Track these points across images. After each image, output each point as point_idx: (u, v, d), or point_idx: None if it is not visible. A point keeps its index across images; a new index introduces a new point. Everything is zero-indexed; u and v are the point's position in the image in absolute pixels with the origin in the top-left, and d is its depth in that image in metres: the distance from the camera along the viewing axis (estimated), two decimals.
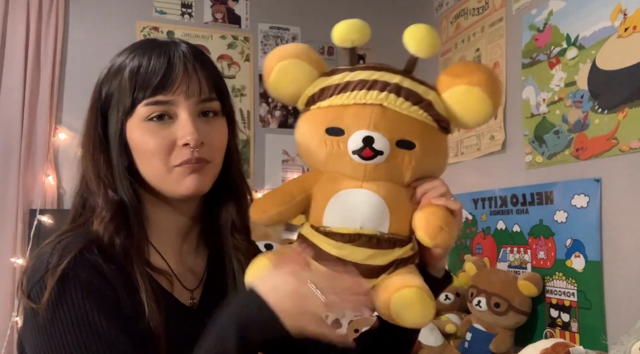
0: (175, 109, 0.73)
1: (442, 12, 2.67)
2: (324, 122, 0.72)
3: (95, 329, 0.65)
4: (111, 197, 0.74)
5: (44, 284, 0.66)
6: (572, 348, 1.31)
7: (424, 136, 0.71)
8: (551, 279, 1.82)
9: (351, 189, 0.71)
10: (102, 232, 0.72)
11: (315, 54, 0.75)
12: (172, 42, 0.77)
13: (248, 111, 2.70)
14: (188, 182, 0.74)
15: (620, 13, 1.63)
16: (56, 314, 0.65)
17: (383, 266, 0.70)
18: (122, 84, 0.73)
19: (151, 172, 0.74)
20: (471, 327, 1.90)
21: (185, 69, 0.73)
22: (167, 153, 0.72)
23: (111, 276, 0.69)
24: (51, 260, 0.67)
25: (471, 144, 2.35)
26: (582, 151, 1.75)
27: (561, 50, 1.85)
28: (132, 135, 0.74)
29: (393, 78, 0.71)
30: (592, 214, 1.68)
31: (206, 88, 0.75)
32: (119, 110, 0.73)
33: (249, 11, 2.77)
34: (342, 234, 0.70)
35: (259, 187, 2.67)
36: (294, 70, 0.73)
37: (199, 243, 0.85)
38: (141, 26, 2.57)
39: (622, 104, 1.61)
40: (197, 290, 0.81)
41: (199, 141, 0.72)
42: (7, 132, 2.29)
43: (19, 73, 2.31)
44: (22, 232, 2.26)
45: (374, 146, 0.68)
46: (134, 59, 0.74)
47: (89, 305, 0.66)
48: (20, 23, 2.34)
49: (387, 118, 0.69)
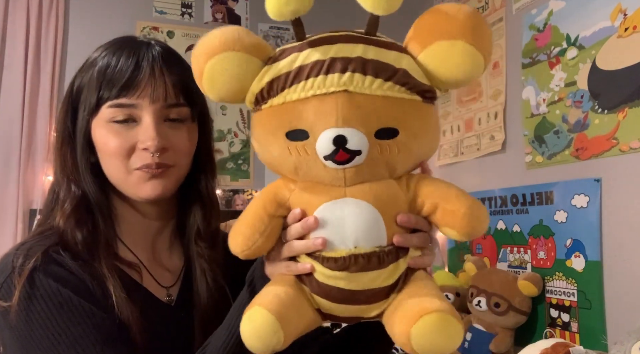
0: (139, 113, 0.72)
1: None
2: (281, 125, 0.58)
3: (76, 311, 0.66)
4: (73, 192, 0.74)
5: (12, 284, 0.66)
6: (572, 348, 1.31)
7: (406, 117, 0.58)
8: (551, 279, 1.82)
9: (333, 201, 0.58)
10: (63, 226, 0.72)
11: (250, 37, 0.59)
12: (145, 43, 0.76)
13: (248, 111, 2.70)
14: (148, 187, 0.73)
15: (620, 13, 1.63)
16: (31, 308, 0.65)
17: (391, 285, 0.59)
18: (91, 80, 0.73)
19: (112, 172, 0.74)
20: (471, 327, 1.90)
21: (152, 72, 0.72)
22: (127, 156, 0.72)
23: (78, 270, 0.69)
24: (16, 261, 0.67)
25: (471, 144, 2.35)
26: (582, 151, 1.75)
27: (561, 50, 1.85)
28: (95, 134, 0.74)
29: (354, 50, 0.56)
30: (592, 214, 1.68)
31: (173, 93, 0.73)
32: (86, 108, 0.73)
33: (249, 11, 2.77)
34: (335, 259, 0.57)
35: (259, 187, 2.67)
36: (230, 66, 0.57)
37: (173, 242, 0.85)
38: (141, 26, 2.57)
39: (622, 104, 1.61)
40: (173, 287, 0.81)
41: (160, 147, 0.71)
42: (7, 132, 2.29)
43: (19, 73, 2.32)
44: (22, 232, 2.26)
45: (347, 147, 0.55)
46: (105, 57, 0.74)
47: (65, 293, 0.66)
48: (20, 23, 2.34)
49: (357, 106, 0.55)
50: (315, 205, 0.58)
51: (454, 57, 0.56)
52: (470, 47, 0.56)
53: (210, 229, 0.82)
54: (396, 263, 0.59)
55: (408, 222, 0.59)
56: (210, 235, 0.82)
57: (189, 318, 0.78)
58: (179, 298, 0.80)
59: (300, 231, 0.59)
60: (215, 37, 0.58)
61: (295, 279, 0.61)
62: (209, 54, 0.58)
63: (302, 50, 0.57)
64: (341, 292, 0.58)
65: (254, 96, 0.60)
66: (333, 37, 0.58)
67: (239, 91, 0.60)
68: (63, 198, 0.74)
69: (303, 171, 0.59)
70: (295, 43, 0.59)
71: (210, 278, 0.79)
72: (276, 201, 0.61)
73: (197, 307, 0.78)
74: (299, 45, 0.58)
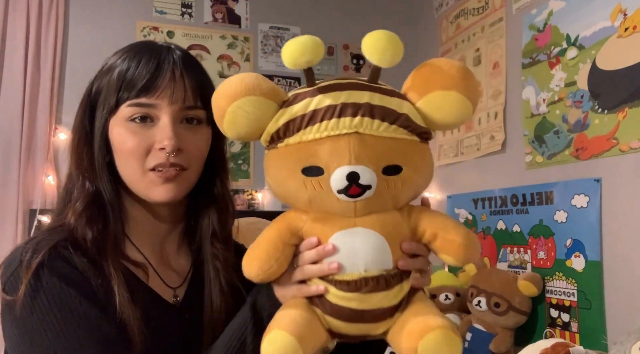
0: (158, 113, 0.73)
1: (442, 12, 2.67)
2: (298, 162, 0.65)
3: (76, 312, 0.66)
4: (87, 189, 0.75)
5: (18, 277, 0.66)
6: (572, 348, 1.31)
7: (408, 155, 0.67)
8: (551, 279, 1.82)
9: (345, 230, 0.65)
10: (74, 223, 0.73)
11: (266, 82, 0.66)
12: (166, 47, 0.78)
13: None
14: (161, 190, 0.74)
15: (620, 13, 1.63)
16: (34, 303, 0.66)
17: (396, 305, 0.67)
18: (110, 82, 0.74)
19: (127, 172, 0.75)
20: (471, 327, 1.90)
21: (172, 75, 0.74)
22: (144, 155, 0.73)
23: (84, 268, 0.70)
24: (24, 255, 0.68)
25: (471, 144, 2.35)
26: (582, 151, 1.75)
27: (561, 50, 1.85)
28: (113, 132, 0.75)
29: (362, 97, 0.64)
30: (592, 214, 1.68)
31: (191, 96, 0.75)
32: (104, 107, 0.75)
33: (249, 11, 2.77)
34: (347, 282, 0.65)
35: (259, 187, 2.67)
36: (251, 110, 0.64)
37: (182, 244, 0.86)
38: (141, 26, 2.57)
39: (622, 104, 1.61)
40: (180, 288, 0.82)
41: (176, 147, 0.73)
42: (7, 132, 2.29)
43: (19, 73, 2.31)
44: (22, 232, 2.26)
45: (360, 182, 0.62)
46: (125, 60, 0.75)
47: (67, 291, 0.67)
48: (20, 23, 2.34)
49: (367, 146, 0.63)
50: (328, 234, 0.66)
51: (448, 105, 0.66)
52: (462, 97, 0.65)
53: (226, 232, 0.84)
54: (400, 285, 0.67)
55: (411, 249, 0.67)
56: (225, 237, 0.84)
57: (195, 319, 0.79)
58: (185, 299, 0.81)
59: (315, 256, 0.65)
60: (237, 82, 0.65)
61: (307, 302, 0.67)
62: (231, 97, 0.64)
63: (314, 96, 0.65)
64: (353, 312, 0.65)
65: (269, 135, 0.67)
66: (342, 85, 0.66)
67: (256, 131, 0.67)
68: (76, 195, 0.75)
69: (317, 203, 0.66)
70: (307, 88, 0.67)
71: (224, 279, 0.81)
72: (290, 231, 0.68)
73: (207, 308, 0.79)
74: (310, 91, 0.66)
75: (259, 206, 2.65)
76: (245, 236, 2.38)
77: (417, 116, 0.67)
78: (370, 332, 0.68)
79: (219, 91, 0.66)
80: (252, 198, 2.65)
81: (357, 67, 2.86)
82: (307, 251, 0.66)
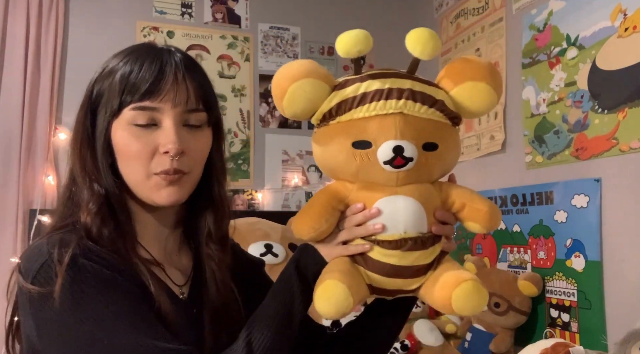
0: (161, 116, 0.74)
1: (442, 12, 2.67)
2: (348, 137, 0.75)
3: (120, 288, 0.68)
4: (97, 191, 0.75)
5: (50, 270, 0.67)
6: (572, 348, 1.31)
7: (443, 136, 0.76)
8: (551, 279, 1.82)
9: (388, 196, 0.75)
10: (90, 224, 0.73)
11: (322, 68, 0.76)
12: (166, 50, 0.78)
13: (248, 111, 2.70)
14: (164, 194, 0.76)
15: (620, 13, 1.63)
16: (76, 288, 0.66)
17: (429, 264, 0.76)
18: (113, 85, 0.75)
19: (130, 175, 0.76)
20: (471, 327, 1.90)
21: (175, 78, 0.75)
22: (148, 159, 0.74)
23: (113, 260, 0.71)
24: (52, 249, 0.68)
25: (471, 144, 2.35)
26: (582, 151, 1.75)
27: (561, 50, 1.85)
28: (116, 136, 0.75)
29: (404, 83, 0.74)
30: (592, 214, 1.68)
31: (194, 99, 0.76)
32: (107, 110, 0.75)
33: (249, 11, 2.77)
34: (389, 241, 0.74)
35: (259, 187, 2.67)
36: (310, 90, 0.74)
37: (182, 243, 0.88)
38: (141, 26, 2.57)
39: (622, 104, 1.61)
40: (185, 286, 0.84)
41: (180, 150, 0.74)
42: (7, 132, 2.29)
43: (19, 73, 2.31)
44: (22, 232, 2.26)
45: (404, 154, 0.72)
46: (127, 63, 0.75)
47: (107, 274, 0.68)
48: (20, 23, 2.34)
49: (410, 125, 0.73)
50: (374, 200, 0.75)
51: (478, 94, 0.77)
52: (490, 88, 0.76)
53: (221, 233, 0.85)
54: (433, 247, 0.76)
55: (443, 216, 0.77)
56: (221, 238, 0.85)
57: (200, 315, 0.81)
58: (189, 296, 0.83)
59: (361, 219, 0.75)
60: (297, 66, 0.75)
61: (350, 261, 0.76)
62: (292, 78, 0.74)
63: (363, 81, 0.75)
64: (393, 267, 0.75)
65: (322, 114, 0.77)
66: (386, 73, 0.76)
67: (311, 110, 0.77)
68: (87, 198, 0.75)
69: (363, 173, 0.76)
70: (355, 76, 0.77)
71: (219, 280, 0.83)
72: (337, 198, 0.77)
73: (207, 305, 0.82)
74: (359, 77, 0.76)
75: (259, 206, 2.65)
76: (245, 236, 2.40)
77: (450, 102, 0.77)
78: (406, 287, 0.77)
79: (280, 73, 0.75)
80: (252, 198, 2.65)
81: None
82: (354, 214, 0.75)
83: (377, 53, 2.91)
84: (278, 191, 2.70)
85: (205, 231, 0.84)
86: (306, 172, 2.75)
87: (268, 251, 2.11)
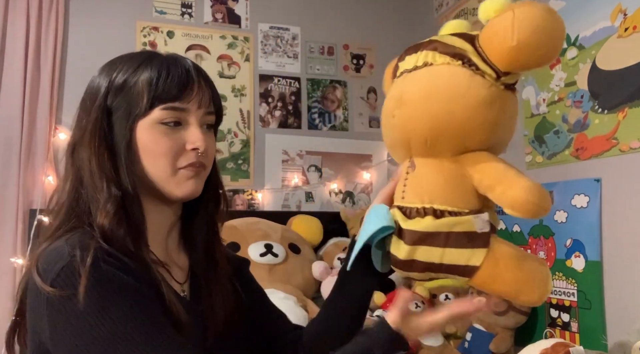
0: (187, 117, 0.80)
1: (442, 12, 2.67)
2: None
3: (138, 293, 0.70)
4: (114, 193, 0.77)
5: (72, 273, 0.67)
6: (572, 348, 1.31)
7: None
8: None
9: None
10: (107, 225, 0.74)
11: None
12: (181, 57, 0.83)
13: (248, 111, 2.70)
14: (188, 185, 0.80)
15: (620, 13, 1.63)
16: (101, 292, 0.67)
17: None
18: (136, 90, 0.77)
19: (156, 172, 0.79)
20: (471, 327, 1.90)
21: (199, 82, 0.81)
22: (176, 156, 0.79)
23: (129, 263, 0.73)
24: (73, 251, 0.69)
25: None
26: (582, 151, 1.75)
27: (561, 51, 1.85)
28: (141, 135, 0.78)
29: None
30: (592, 214, 1.68)
31: (210, 102, 0.83)
32: (131, 111, 0.78)
33: (249, 11, 2.77)
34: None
35: (259, 187, 2.67)
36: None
37: (180, 240, 0.90)
38: (141, 26, 2.57)
39: (622, 104, 1.61)
40: (185, 284, 0.86)
41: (206, 147, 0.80)
42: (7, 132, 2.28)
43: (19, 73, 2.31)
44: (22, 232, 2.26)
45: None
46: (147, 69, 0.78)
47: (126, 278, 0.70)
48: (20, 23, 2.34)
49: None
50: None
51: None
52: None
53: (216, 228, 0.90)
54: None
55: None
56: (216, 233, 0.90)
57: (202, 312, 0.83)
58: (191, 294, 0.86)
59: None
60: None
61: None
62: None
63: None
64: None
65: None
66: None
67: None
68: (105, 199, 0.76)
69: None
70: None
71: (222, 273, 0.88)
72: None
73: (206, 302, 0.84)
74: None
75: (259, 206, 2.65)
76: (245, 236, 2.39)
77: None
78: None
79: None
80: (252, 198, 2.65)
81: (357, 67, 2.86)
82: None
83: (377, 53, 2.92)
84: (278, 191, 2.69)
85: (209, 225, 0.88)
86: (306, 172, 2.75)
87: (268, 251, 2.10)
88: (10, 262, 2.19)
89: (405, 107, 0.75)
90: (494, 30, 0.70)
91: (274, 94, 2.75)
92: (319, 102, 2.81)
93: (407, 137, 0.76)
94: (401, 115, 0.76)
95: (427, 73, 0.74)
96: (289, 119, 2.76)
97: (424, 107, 0.73)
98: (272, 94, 2.75)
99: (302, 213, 2.49)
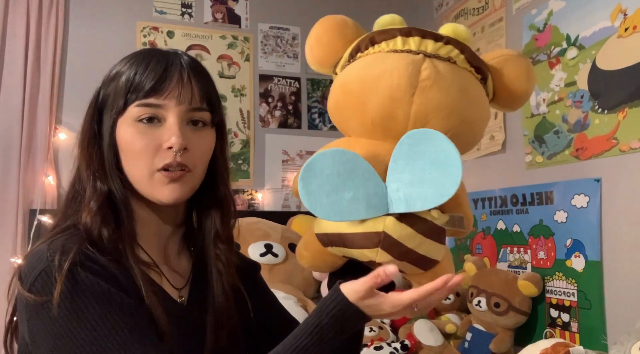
0: (165, 113, 0.75)
1: (442, 12, 2.67)
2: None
3: (114, 302, 0.68)
4: (99, 189, 0.76)
5: (49, 278, 0.67)
6: (572, 348, 1.31)
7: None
8: (551, 279, 1.82)
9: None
10: (90, 223, 0.73)
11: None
12: (173, 53, 0.80)
13: (248, 111, 2.70)
14: (167, 191, 0.76)
15: (620, 13, 1.63)
16: (74, 299, 0.66)
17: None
18: (118, 86, 0.76)
19: (134, 172, 0.77)
20: (471, 327, 1.90)
21: (180, 77, 0.76)
22: (152, 155, 0.75)
23: (109, 266, 0.71)
24: (52, 256, 0.68)
25: None
26: (582, 151, 1.75)
27: (561, 50, 1.85)
28: (120, 133, 0.76)
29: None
30: (592, 214, 1.68)
31: (198, 98, 0.77)
32: (113, 109, 0.76)
33: (249, 11, 2.77)
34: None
35: (259, 187, 2.67)
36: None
37: (182, 246, 0.88)
38: (141, 26, 2.57)
39: (622, 104, 1.61)
40: (184, 290, 0.84)
41: (183, 146, 0.74)
42: (7, 132, 2.28)
43: (19, 73, 2.31)
44: (22, 232, 2.26)
45: None
46: (133, 65, 0.77)
47: (103, 286, 0.68)
48: (20, 23, 2.34)
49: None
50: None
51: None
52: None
53: (228, 233, 0.86)
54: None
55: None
56: (227, 238, 0.85)
57: (201, 318, 0.81)
58: (189, 299, 0.83)
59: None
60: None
61: None
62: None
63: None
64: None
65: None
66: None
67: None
68: (89, 196, 0.75)
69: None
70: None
71: (226, 280, 0.83)
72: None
73: (211, 308, 0.81)
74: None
75: (259, 206, 2.65)
76: (245, 236, 2.38)
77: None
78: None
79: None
80: (252, 198, 2.65)
81: None
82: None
83: None
84: (278, 191, 2.69)
85: (213, 231, 0.84)
86: None
87: (268, 251, 2.10)
88: (10, 263, 2.19)
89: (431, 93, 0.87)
90: (515, 75, 0.94)
91: (274, 94, 2.76)
92: (319, 102, 2.81)
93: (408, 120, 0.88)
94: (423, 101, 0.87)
95: (451, 72, 0.92)
96: (289, 119, 2.76)
97: (454, 102, 0.88)
98: (272, 94, 2.75)
99: (302, 213, 2.49)
